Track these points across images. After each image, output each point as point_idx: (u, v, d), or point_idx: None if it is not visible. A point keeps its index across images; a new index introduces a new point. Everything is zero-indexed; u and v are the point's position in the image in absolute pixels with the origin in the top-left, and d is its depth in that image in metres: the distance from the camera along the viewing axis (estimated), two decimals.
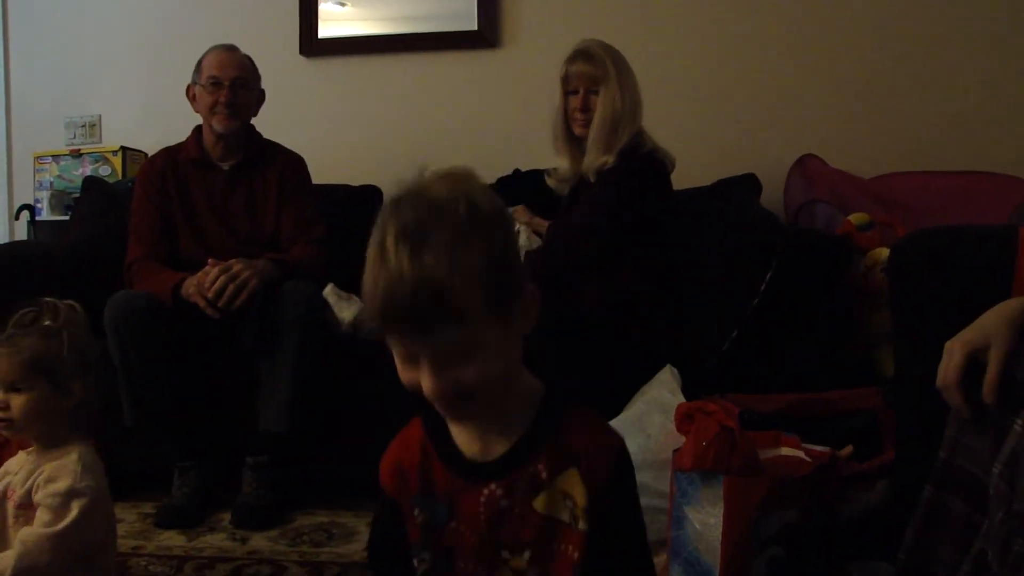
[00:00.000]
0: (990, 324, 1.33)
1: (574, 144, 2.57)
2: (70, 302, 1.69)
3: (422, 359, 0.95)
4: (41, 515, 1.55)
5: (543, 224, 2.71)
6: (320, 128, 3.52)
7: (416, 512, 1.09)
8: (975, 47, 3.13)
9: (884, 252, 2.46)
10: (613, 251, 2.39)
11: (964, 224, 1.96)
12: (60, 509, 1.54)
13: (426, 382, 0.95)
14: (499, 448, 1.05)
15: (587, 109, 2.49)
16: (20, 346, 1.58)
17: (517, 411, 1.05)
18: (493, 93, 3.45)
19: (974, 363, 1.31)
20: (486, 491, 1.04)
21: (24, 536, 1.52)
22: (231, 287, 2.35)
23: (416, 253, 0.90)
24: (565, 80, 2.53)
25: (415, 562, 1.09)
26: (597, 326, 2.25)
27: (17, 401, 1.57)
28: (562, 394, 1.07)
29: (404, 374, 0.98)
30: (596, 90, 2.47)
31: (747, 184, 2.92)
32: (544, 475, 1.03)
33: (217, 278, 2.35)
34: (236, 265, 2.38)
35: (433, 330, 0.92)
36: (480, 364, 0.95)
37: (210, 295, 2.34)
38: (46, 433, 1.61)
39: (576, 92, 2.51)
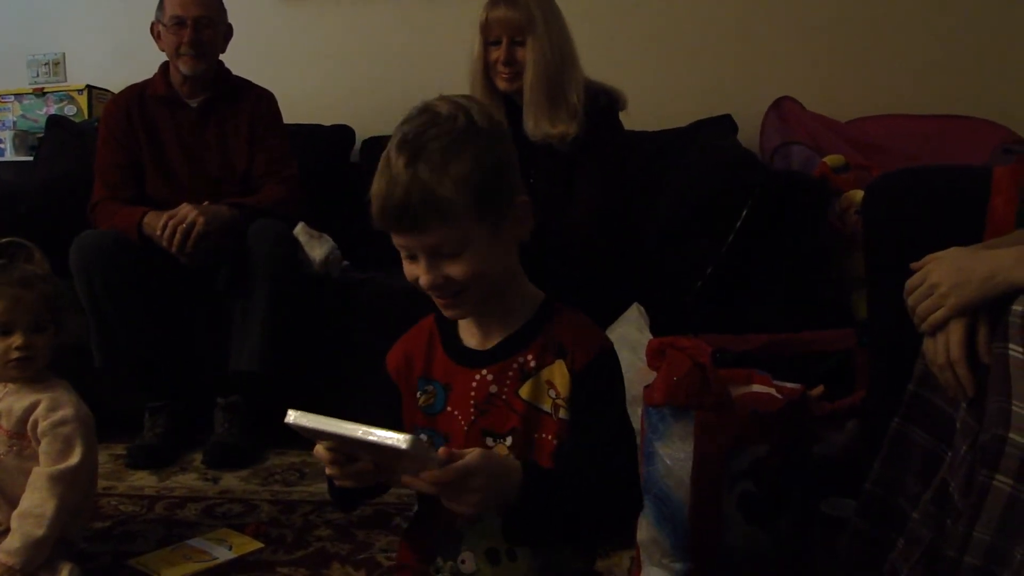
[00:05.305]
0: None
1: (496, 100, 2.30)
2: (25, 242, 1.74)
3: (419, 255, 1.09)
4: (49, 446, 1.62)
5: None
6: (293, 67, 3.45)
7: (418, 394, 1.22)
8: None
9: (859, 194, 2.45)
10: None
11: (939, 164, 1.96)
12: (70, 438, 1.63)
13: (422, 276, 1.10)
14: (496, 340, 1.19)
15: (512, 62, 2.23)
16: (38, 287, 1.65)
17: (518, 311, 1.19)
18: (469, 34, 3.37)
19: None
20: (478, 376, 1.17)
21: (52, 474, 1.59)
22: (180, 229, 2.32)
23: (412, 160, 1.05)
24: (485, 27, 2.26)
25: None
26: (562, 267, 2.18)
27: (41, 340, 1.64)
28: (559, 301, 1.21)
29: (407, 269, 1.12)
30: (521, 40, 2.21)
31: (723, 126, 2.90)
32: (532, 364, 1.16)
33: (166, 224, 2.34)
34: (183, 208, 2.35)
35: (424, 227, 1.06)
36: (468, 262, 1.08)
37: (164, 243, 2.33)
38: (40, 370, 1.68)
39: (498, 43, 2.24)
